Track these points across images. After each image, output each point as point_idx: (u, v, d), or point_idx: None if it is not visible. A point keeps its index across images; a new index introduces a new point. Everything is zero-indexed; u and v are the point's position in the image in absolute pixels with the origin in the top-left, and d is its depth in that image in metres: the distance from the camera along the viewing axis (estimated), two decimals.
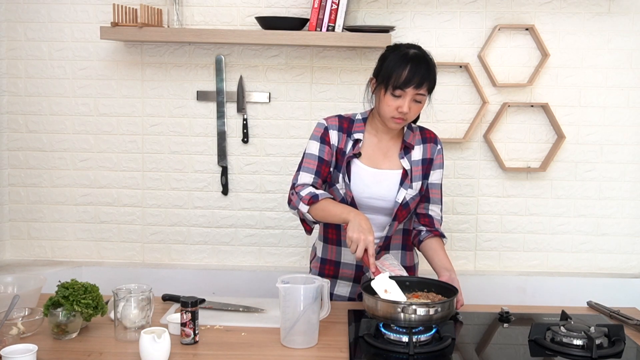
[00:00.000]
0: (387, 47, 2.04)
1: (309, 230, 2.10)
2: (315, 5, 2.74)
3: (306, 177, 2.00)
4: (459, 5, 2.92)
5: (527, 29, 2.92)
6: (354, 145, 2.02)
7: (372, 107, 2.07)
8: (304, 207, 1.94)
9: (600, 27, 2.92)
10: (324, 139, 2.03)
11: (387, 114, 1.95)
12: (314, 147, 2.04)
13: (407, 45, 1.99)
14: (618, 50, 2.93)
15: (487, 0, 2.91)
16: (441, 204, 2.16)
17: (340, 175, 2.01)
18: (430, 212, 2.12)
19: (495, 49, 2.94)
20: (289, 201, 2.01)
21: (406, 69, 1.89)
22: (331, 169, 2.04)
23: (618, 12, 2.91)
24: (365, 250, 1.79)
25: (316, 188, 1.99)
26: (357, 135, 2.03)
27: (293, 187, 2.01)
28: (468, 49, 2.94)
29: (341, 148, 2.03)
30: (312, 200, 1.93)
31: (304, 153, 2.05)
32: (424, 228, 2.10)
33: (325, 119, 2.07)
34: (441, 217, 2.16)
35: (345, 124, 2.05)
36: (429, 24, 2.93)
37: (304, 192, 1.96)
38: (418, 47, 1.98)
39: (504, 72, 2.95)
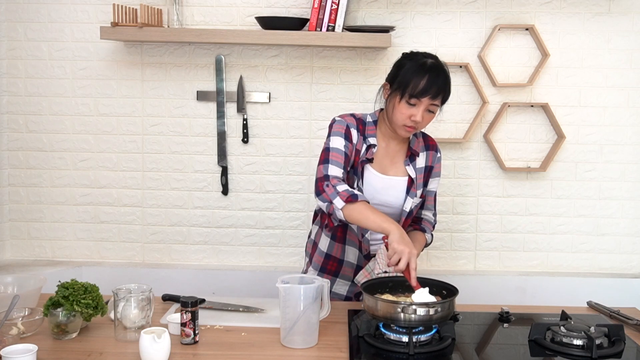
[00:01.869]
0: (404, 54, 2.02)
1: (331, 227, 2.06)
2: (315, 5, 2.74)
3: (337, 171, 1.92)
4: (459, 5, 2.92)
5: (527, 29, 2.92)
6: (367, 150, 2.00)
7: (381, 109, 2.06)
8: (339, 203, 1.85)
9: (600, 27, 2.92)
10: (347, 136, 1.98)
11: (400, 122, 1.93)
12: (340, 143, 1.96)
13: (424, 54, 1.97)
14: (618, 50, 2.93)
15: (487, 0, 2.91)
16: (434, 209, 2.20)
17: (356, 180, 1.99)
18: (423, 217, 2.17)
19: (495, 49, 2.94)
20: (320, 192, 1.90)
21: (424, 78, 1.88)
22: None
23: (618, 12, 2.91)
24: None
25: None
26: (371, 140, 2.00)
27: (326, 178, 1.91)
28: (468, 49, 2.94)
29: (358, 149, 2.00)
30: (351, 198, 1.84)
31: (329, 147, 1.97)
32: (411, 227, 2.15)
33: (342, 117, 2.03)
34: (435, 221, 2.20)
35: (360, 125, 2.03)
36: (429, 24, 2.93)
37: (341, 188, 1.88)
38: (435, 57, 1.97)
39: (504, 72, 2.95)
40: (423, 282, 1.81)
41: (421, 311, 1.61)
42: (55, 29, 2.98)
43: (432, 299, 1.71)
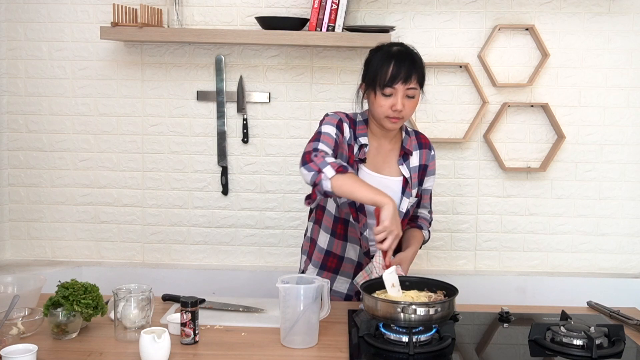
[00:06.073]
0: (370, 50, 2.02)
1: (314, 199, 1.96)
2: (315, 5, 2.74)
3: (326, 148, 1.88)
4: (459, 5, 2.92)
5: (527, 29, 2.92)
6: (359, 149, 1.99)
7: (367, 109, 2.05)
8: (330, 172, 1.77)
9: (600, 27, 2.92)
10: (339, 127, 1.96)
11: (382, 115, 1.92)
12: (331, 130, 1.93)
13: (390, 43, 1.99)
14: (618, 50, 2.93)
15: (487, 0, 2.91)
16: (430, 207, 2.21)
17: None
18: (419, 214, 2.18)
19: (495, 49, 2.94)
20: (307, 161, 1.82)
21: (390, 65, 1.88)
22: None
23: (618, 12, 2.91)
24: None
25: None
26: (363, 140, 2.00)
27: (315, 150, 1.85)
28: (468, 49, 2.94)
29: (351, 145, 1.99)
30: (342, 169, 1.78)
31: (320, 131, 1.93)
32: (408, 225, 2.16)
33: (335, 112, 2.02)
34: (430, 218, 2.21)
35: (352, 124, 2.02)
36: (429, 24, 2.93)
37: (330, 159, 1.81)
38: (401, 44, 1.98)
39: (504, 72, 2.95)
40: (423, 282, 1.81)
41: (421, 311, 1.61)
42: (55, 29, 2.98)
43: (397, 278, 1.75)
